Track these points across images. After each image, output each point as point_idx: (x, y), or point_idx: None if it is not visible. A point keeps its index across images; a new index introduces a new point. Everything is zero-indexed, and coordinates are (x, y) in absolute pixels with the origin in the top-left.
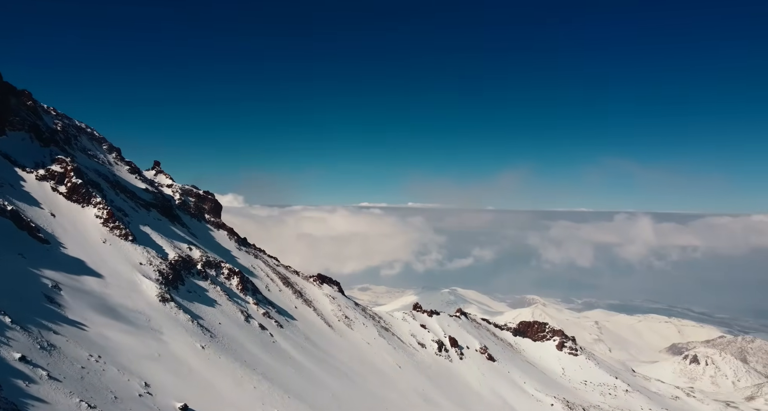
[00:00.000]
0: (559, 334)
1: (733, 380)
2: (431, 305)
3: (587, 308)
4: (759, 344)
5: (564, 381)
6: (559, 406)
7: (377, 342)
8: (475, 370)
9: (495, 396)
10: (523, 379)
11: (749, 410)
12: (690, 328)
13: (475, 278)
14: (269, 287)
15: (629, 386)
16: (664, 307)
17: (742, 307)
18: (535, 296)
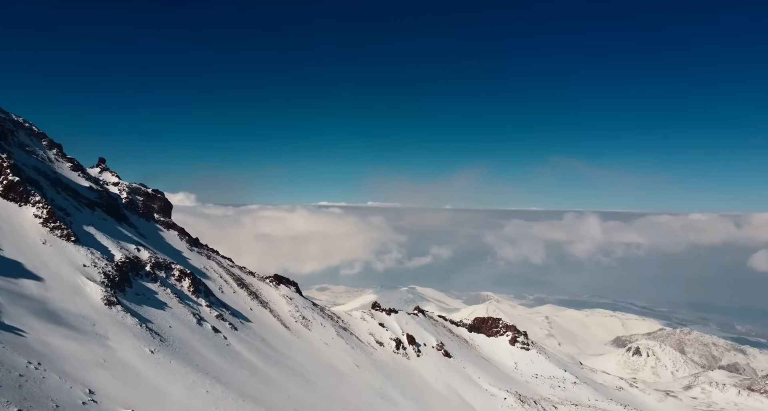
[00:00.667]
0: (512, 329)
1: (672, 370)
2: (390, 304)
3: (538, 304)
4: (695, 336)
5: (516, 375)
6: (512, 399)
7: (335, 342)
8: (431, 366)
9: (451, 391)
10: (478, 374)
11: (687, 398)
12: (633, 321)
13: (434, 276)
14: (223, 289)
15: (577, 379)
16: (610, 302)
17: (681, 301)
18: (490, 293)
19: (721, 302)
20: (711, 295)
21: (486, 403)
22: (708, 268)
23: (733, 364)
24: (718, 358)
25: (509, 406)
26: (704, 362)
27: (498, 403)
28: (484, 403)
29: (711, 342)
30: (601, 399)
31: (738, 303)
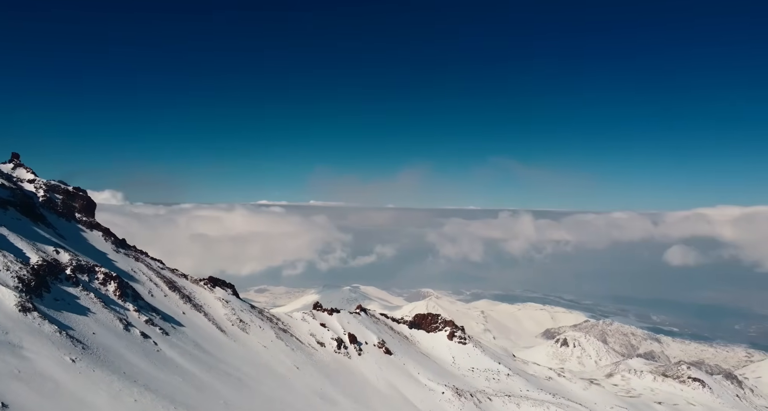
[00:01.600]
0: (450, 324)
1: (596, 360)
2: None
3: (475, 299)
4: (616, 327)
5: (454, 369)
6: (449, 393)
7: (275, 344)
8: (372, 364)
9: (391, 388)
10: (418, 369)
11: (609, 386)
12: (561, 314)
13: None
14: (153, 292)
15: (510, 370)
16: (540, 296)
17: (604, 294)
18: (430, 289)
19: (640, 294)
20: (630, 288)
21: (425, 398)
22: (628, 263)
23: (649, 352)
24: (636, 347)
25: (447, 399)
26: (624, 351)
27: (436, 398)
28: (423, 398)
29: (630, 332)
30: (533, 389)
31: (654, 295)
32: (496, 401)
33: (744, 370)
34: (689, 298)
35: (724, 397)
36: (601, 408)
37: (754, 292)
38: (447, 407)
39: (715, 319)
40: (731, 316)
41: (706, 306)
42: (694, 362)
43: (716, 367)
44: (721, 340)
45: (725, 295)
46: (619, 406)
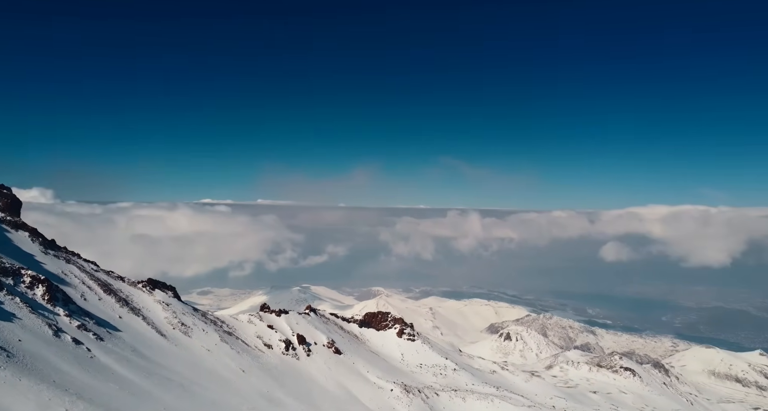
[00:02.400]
0: (399, 322)
1: (537, 353)
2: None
3: (424, 296)
4: (556, 320)
5: (403, 366)
6: (398, 390)
7: (219, 348)
8: (321, 365)
9: (340, 388)
10: (367, 368)
11: (548, 377)
12: (505, 309)
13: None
14: (86, 296)
15: (457, 365)
16: (486, 292)
17: (544, 289)
18: (380, 288)
19: (577, 289)
20: (569, 283)
21: (374, 396)
22: (567, 259)
23: (585, 344)
24: (574, 339)
25: (395, 396)
26: (563, 343)
27: (385, 395)
28: (372, 396)
29: (568, 325)
30: (478, 383)
31: (590, 289)
32: (443, 396)
33: (670, 359)
34: (622, 292)
35: (653, 385)
36: (541, 399)
37: (680, 286)
38: (396, 404)
39: (644, 312)
40: (659, 308)
41: (637, 299)
42: (626, 353)
43: (645, 357)
44: (649, 331)
45: (654, 288)
46: (557, 397)
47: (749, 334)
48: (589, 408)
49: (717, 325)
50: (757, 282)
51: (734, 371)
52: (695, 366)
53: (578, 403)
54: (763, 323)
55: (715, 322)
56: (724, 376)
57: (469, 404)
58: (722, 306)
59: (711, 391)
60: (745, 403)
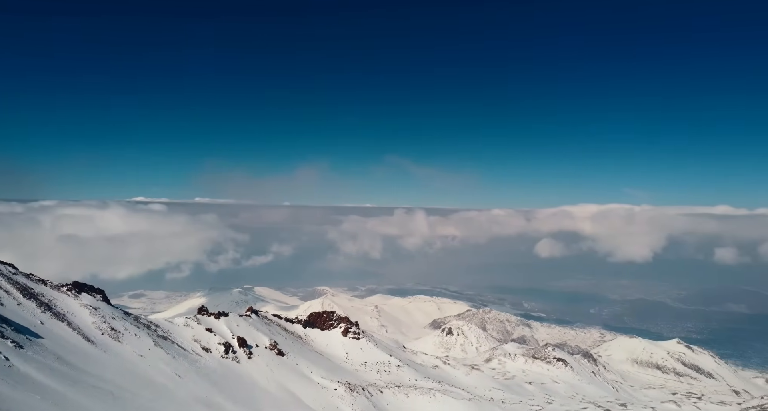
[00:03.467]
0: (345, 321)
1: (477, 346)
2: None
3: (370, 294)
4: (494, 315)
5: (347, 365)
6: (342, 389)
7: (153, 353)
8: (263, 367)
9: (282, 390)
10: (311, 368)
11: (487, 370)
12: (447, 304)
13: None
14: (3, 301)
15: (401, 362)
16: (429, 288)
17: (484, 285)
18: (326, 287)
19: (514, 284)
20: (506, 279)
21: (317, 396)
22: (505, 255)
23: (521, 337)
24: (511, 333)
25: (339, 396)
26: (501, 337)
27: (329, 395)
28: (316, 397)
29: (506, 319)
30: (420, 378)
31: (526, 284)
32: (387, 393)
33: (598, 349)
34: (555, 286)
35: (582, 374)
36: (480, 391)
37: (607, 280)
38: (339, 403)
39: (575, 305)
40: (588, 301)
41: (568, 293)
42: (558, 344)
43: (576, 348)
44: (580, 323)
45: (584, 282)
46: (496, 389)
47: (668, 324)
48: (524, 398)
49: (640, 316)
50: (675, 275)
51: (655, 359)
52: (620, 355)
53: (515, 394)
54: (680, 313)
55: (638, 314)
56: (645, 364)
57: (411, 400)
58: (644, 298)
59: (634, 378)
60: (664, 389)
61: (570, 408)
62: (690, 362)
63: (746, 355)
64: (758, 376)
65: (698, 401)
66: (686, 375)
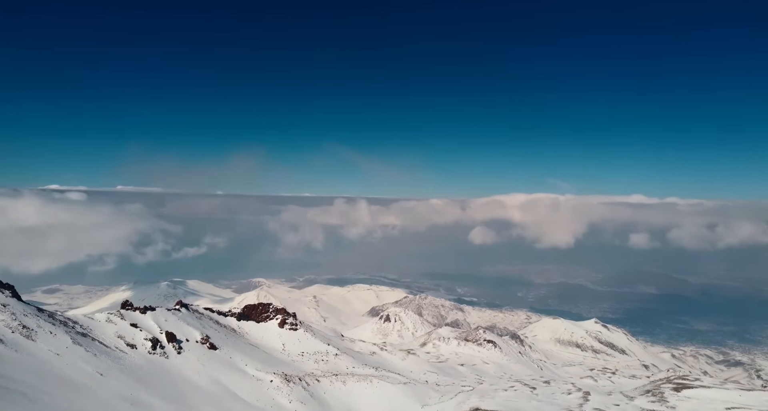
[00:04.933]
0: (281, 312)
1: (413, 331)
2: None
3: (308, 284)
4: (430, 300)
5: (284, 356)
6: (278, 380)
7: (71, 351)
8: (195, 362)
9: (215, 384)
10: (245, 361)
11: (423, 354)
12: (385, 292)
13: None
14: None
15: (338, 350)
16: (368, 277)
17: (421, 272)
18: (261, 279)
19: (449, 270)
20: (442, 265)
21: (252, 388)
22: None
23: (455, 321)
24: (445, 317)
25: (275, 387)
26: (436, 321)
27: (265, 387)
28: (251, 389)
29: (440, 304)
30: (358, 365)
31: (460, 270)
32: (324, 382)
33: (525, 331)
34: (486, 271)
35: (510, 355)
36: (416, 375)
37: (534, 265)
38: (275, 395)
39: (504, 289)
40: (516, 285)
41: (499, 278)
42: (489, 326)
43: (505, 330)
44: (508, 306)
45: (512, 268)
46: (430, 372)
47: (587, 305)
48: (457, 380)
49: (562, 299)
50: (594, 260)
51: (575, 338)
52: (545, 335)
53: (447, 376)
54: (597, 295)
55: (561, 296)
56: (567, 343)
57: (349, 387)
58: (566, 281)
59: (557, 357)
60: (583, 366)
61: (498, 387)
62: (606, 340)
63: (655, 332)
64: (665, 350)
65: (612, 376)
66: (602, 352)
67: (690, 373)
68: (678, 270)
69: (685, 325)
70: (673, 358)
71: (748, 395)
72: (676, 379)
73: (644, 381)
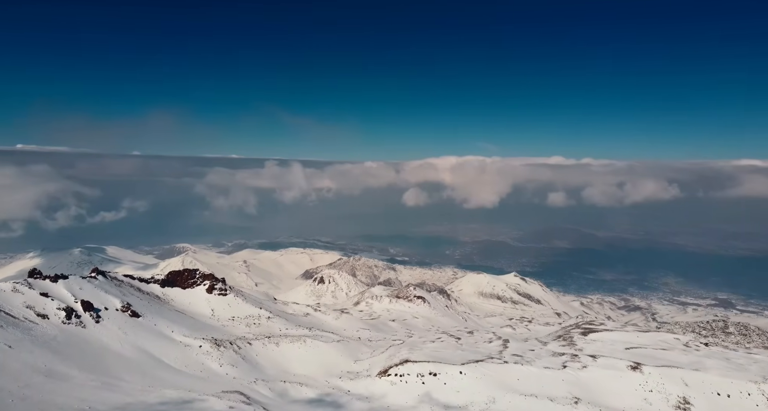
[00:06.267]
0: (209, 277)
1: (347, 292)
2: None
3: (237, 249)
4: (363, 261)
5: (213, 321)
6: (207, 345)
7: None
8: (116, 330)
9: (139, 352)
10: (171, 328)
11: (356, 312)
12: (319, 255)
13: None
14: None
15: (271, 313)
16: (302, 240)
17: (356, 234)
18: (186, 244)
19: (382, 232)
20: (376, 227)
21: (180, 354)
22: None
23: (387, 280)
24: (378, 277)
25: (205, 352)
26: (369, 281)
27: (193, 352)
28: (178, 355)
29: (374, 264)
30: (291, 327)
31: (393, 232)
32: (256, 344)
33: (451, 286)
34: (418, 232)
35: (438, 309)
36: (349, 333)
37: (461, 224)
38: (205, 360)
39: (434, 248)
40: (445, 244)
41: (429, 237)
42: (419, 284)
43: (433, 286)
44: (437, 263)
45: (442, 227)
46: (363, 329)
47: (508, 260)
48: (388, 335)
49: (486, 255)
50: (516, 218)
51: (496, 291)
52: (469, 289)
53: (380, 332)
54: (518, 251)
55: (485, 252)
56: (489, 296)
57: (282, 348)
58: (490, 239)
59: (480, 308)
60: (503, 316)
61: (426, 339)
62: (524, 292)
63: (567, 283)
64: (575, 299)
65: (529, 324)
66: (521, 303)
67: (596, 319)
68: (589, 225)
69: (593, 275)
70: (582, 306)
71: (644, 336)
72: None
73: (557, 328)
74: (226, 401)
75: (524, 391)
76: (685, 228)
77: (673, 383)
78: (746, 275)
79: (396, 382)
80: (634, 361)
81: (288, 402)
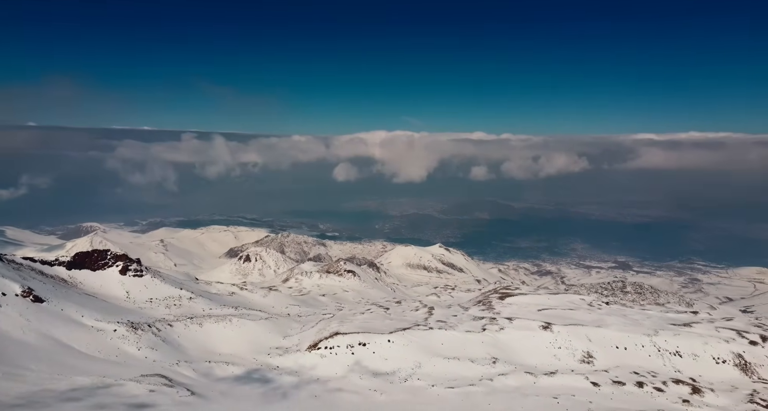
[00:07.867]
0: (122, 258)
1: (275, 269)
2: None
3: (152, 228)
4: (292, 238)
5: (128, 304)
6: (123, 329)
7: None
8: (16, 317)
9: (45, 339)
10: (81, 312)
11: (285, 289)
12: (244, 233)
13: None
14: None
15: (193, 294)
16: (225, 218)
17: (284, 210)
18: (94, 223)
19: (312, 208)
20: (305, 203)
21: (92, 340)
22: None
23: (317, 256)
24: (308, 253)
25: (121, 336)
26: (298, 258)
27: (107, 337)
28: (91, 341)
29: (303, 241)
30: (216, 307)
31: (323, 207)
32: (178, 326)
33: (381, 259)
34: (348, 207)
35: (368, 281)
36: (278, 310)
37: (391, 199)
38: (121, 344)
39: (364, 222)
40: (374, 218)
41: (359, 212)
42: (349, 258)
43: (363, 259)
44: (367, 238)
45: (372, 202)
46: (292, 305)
47: (433, 232)
48: (318, 309)
49: (413, 228)
50: (441, 192)
51: (423, 262)
52: (397, 261)
53: (310, 307)
54: (442, 223)
55: (412, 226)
56: (416, 266)
57: (206, 329)
58: (417, 212)
59: (408, 279)
60: (429, 285)
61: (356, 311)
62: (447, 261)
63: (486, 251)
64: (493, 266)
65: (452, 291)
66: (445, 272)
67: (512, 284)
68: (507, 197)
69: (510, 244)
70: (500, 273)
71: (554, 298)
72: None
73: (477, 293)
74: (145, 385)
75: (448, 355)
76: (592, 198)
77: (578, 340)
78: (642, 239)
79: (326, 354)
80: (545, 321)
81: (213, 381)
